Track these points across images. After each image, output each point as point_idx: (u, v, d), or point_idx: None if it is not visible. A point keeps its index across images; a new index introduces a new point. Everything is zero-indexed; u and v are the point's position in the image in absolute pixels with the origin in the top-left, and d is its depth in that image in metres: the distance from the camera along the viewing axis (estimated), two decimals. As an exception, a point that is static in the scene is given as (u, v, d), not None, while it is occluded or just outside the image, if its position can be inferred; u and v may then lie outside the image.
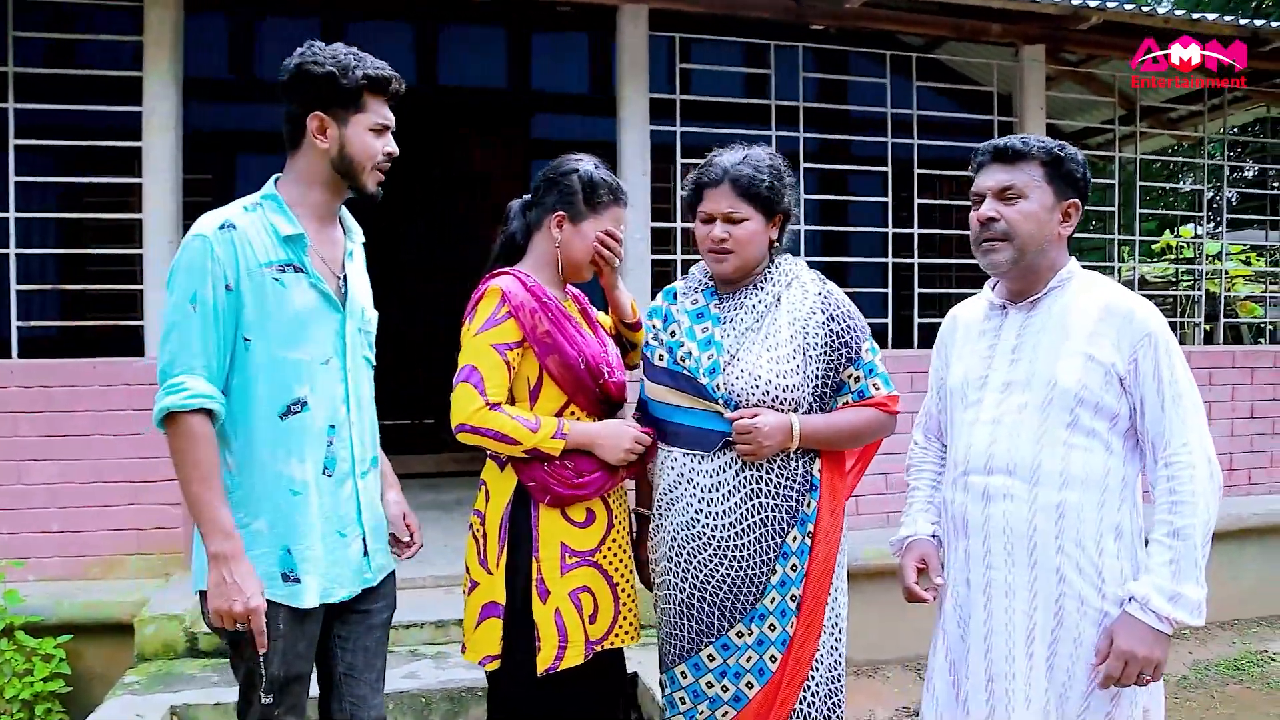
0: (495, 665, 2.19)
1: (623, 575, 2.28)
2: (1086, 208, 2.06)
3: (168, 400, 1.80)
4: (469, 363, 2.13)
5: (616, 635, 2.25)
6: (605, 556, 2.24)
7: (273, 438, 1.90)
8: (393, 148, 2.02)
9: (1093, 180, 2.07)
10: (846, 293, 2.27)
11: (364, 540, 2.05)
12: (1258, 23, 4.65)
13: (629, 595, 2.30)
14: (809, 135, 4.69)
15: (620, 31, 4.37)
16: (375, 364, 2.18)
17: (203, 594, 1.91)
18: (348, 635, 2.08)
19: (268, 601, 1.86)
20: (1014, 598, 1.93)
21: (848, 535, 2.27)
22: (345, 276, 2.05)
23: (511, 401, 2.20)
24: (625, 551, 2.31)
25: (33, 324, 3.96)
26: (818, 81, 5.91)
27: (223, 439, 1.89)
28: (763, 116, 4.65)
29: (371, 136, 1.97)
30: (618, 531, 2.28)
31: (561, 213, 2.25)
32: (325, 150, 1.96)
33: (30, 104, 3.99)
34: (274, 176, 2.02)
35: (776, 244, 2.22)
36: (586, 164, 2.27)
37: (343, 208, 2.12)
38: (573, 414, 2.23)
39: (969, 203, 2.05)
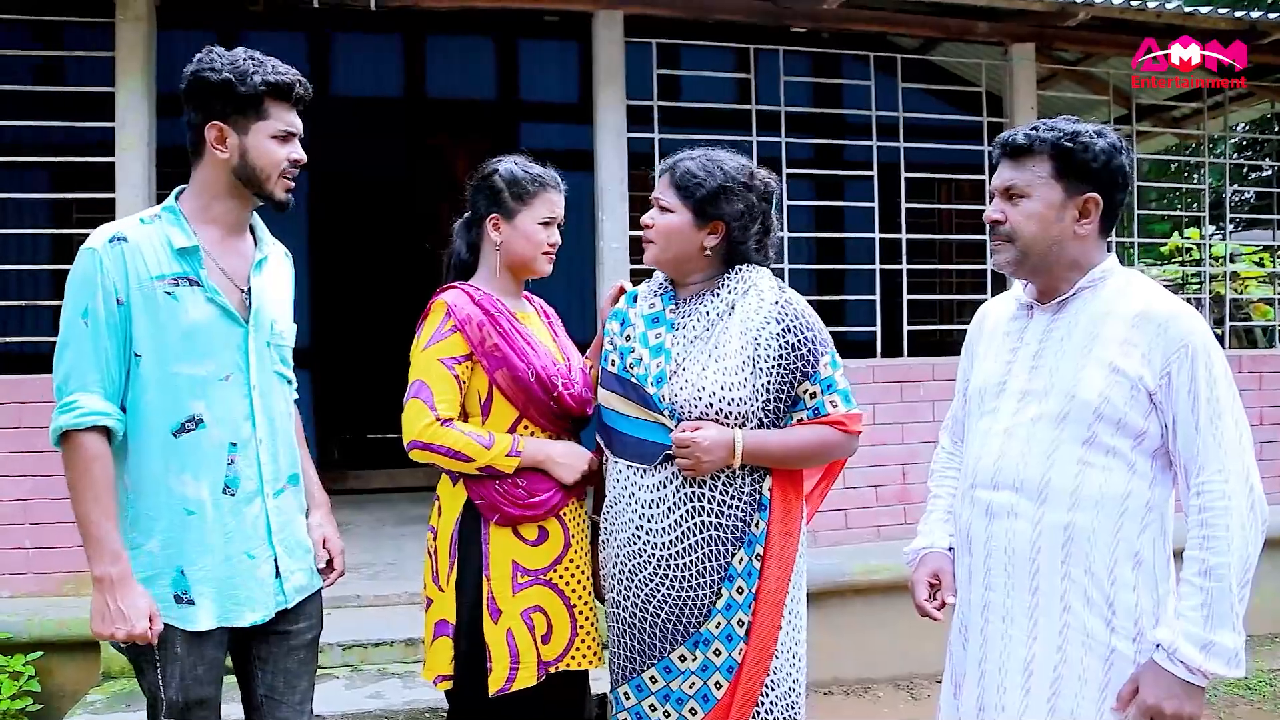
0: (448, 685, 2.15)
1: (580, 596, 2.21)
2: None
3: (61, 419, 1.76)
4: (418, 378, 2.10)
5: (573, 657, 2.18)
6: (561, 576, 2.18)
7: (166, 456, 1.85)
8: (299, 155, 1.96)
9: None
10: (839, 301, 2.18)
11: (275, 562, 1.97)
12: (1254, 15, 4.50)
13: (587, 617, 2.22)
14: (791, 140, 4.59)
15: (595, 38, 4.32)
16: (293, 379, 2.11)
17: None
18: (267, 657, 2.02)
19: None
20: (1011, 624, 1.79)
21: (833, 551, 2.18)
22: (250, 289, 1.98)
23: (464, 417, 2.15)
24: (583, 571, 2.23)
25: (8, 340, 3.96)
26: (810, 86, 5.82)
27: (118, 457, 1.85)
28: (746, 122, 4.57)
29: (274, 144, 1.91)
30: (575, 550, 2.21)
31: (494, 214, 2.24)
32: (226, 160, 1.90)
33: (6, 122, 4.02)
34: (178, 188, 1.98)
35: (709, 251, 2.10)
36: (505, 162, 2.28)
37: (256, 217, 2.06)
38: (527, 430, 2.17)
39: (964, 206, 1.96)
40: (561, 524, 2.19)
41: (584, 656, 2.21)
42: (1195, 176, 9.99)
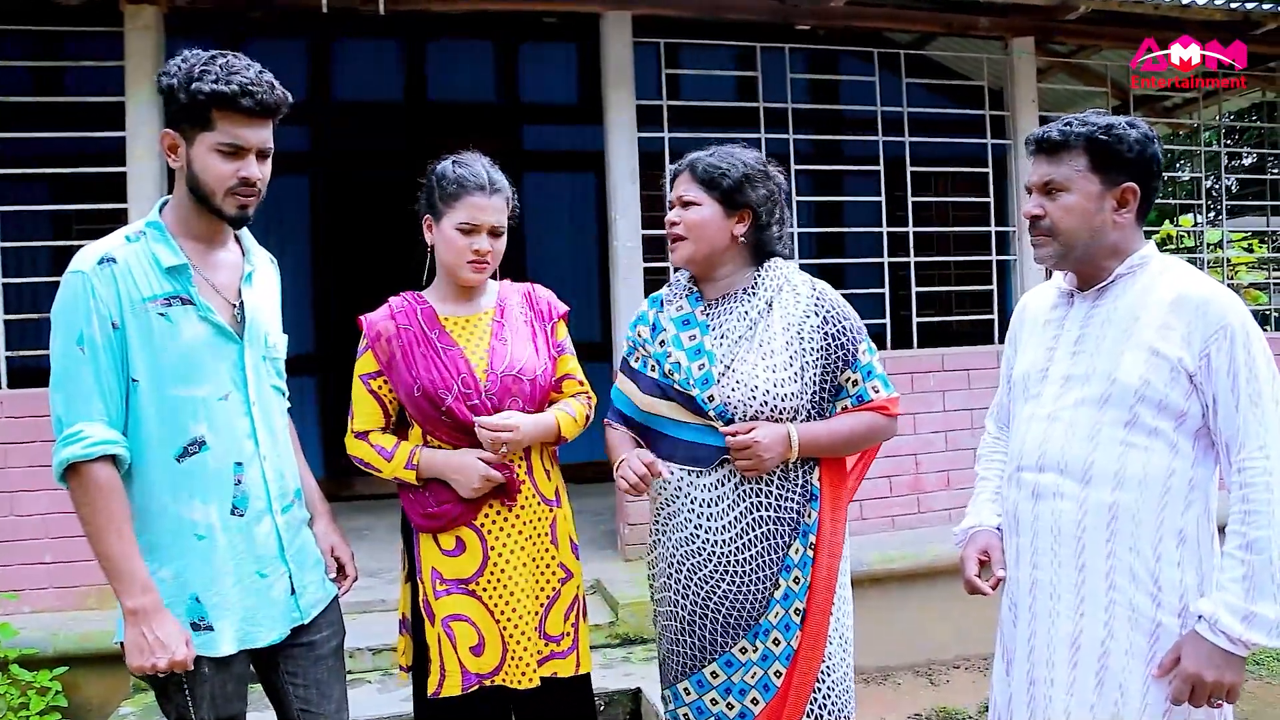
0: (405, 677, 2.24)
1: (506, 615, 2.14)
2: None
3: (67, 451, 1.68)
4: (351, 393, 2.19)
5: (507, 674, 2.13)
6: (484, 589, 2.14)
7: (172, 481, 1.78)
8: (250, 172, 1.79)
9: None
10: (843, 294, 2.21)
11: (290, 578, 1.93)
12: (1249, 5, 4.59)
13: (521, 634, 2.14)
14: (798, 137, 4.63)
15: (604, 39, 4.35)
16: (286, 390, 2.04)
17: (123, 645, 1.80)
18: (296, 671, 1.97)
19: None
20: (1059, 600, 1.85)
21: (850, 541, 2.21)
22: (242, 303, 1.90)
23: (399, 429, 2.22)
24: (510, 590, 2.15)
25: (23, 354, 3.93)
26: (810, 83, 5.87)
27: (123, 485, 1.77)
28: (753, 120, 4.61)
29: (217, 159, 1.76)
30: (497, 566, 2.14)
31: (428, 216, 2.19)
32: (180, 170, 1.80)
33: (12, 134, 3.98)
34: (161, 200, 1.90)
35: (740, 240, 2.13)
36: (446, 161, 2.18)
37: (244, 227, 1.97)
38: (434, 443, 2.16)
39: (966, 199, 2.00)
40: (479, 536, 2.14)
41: (521, 674, 2.13)
42: (1180, 164, 10.15)
